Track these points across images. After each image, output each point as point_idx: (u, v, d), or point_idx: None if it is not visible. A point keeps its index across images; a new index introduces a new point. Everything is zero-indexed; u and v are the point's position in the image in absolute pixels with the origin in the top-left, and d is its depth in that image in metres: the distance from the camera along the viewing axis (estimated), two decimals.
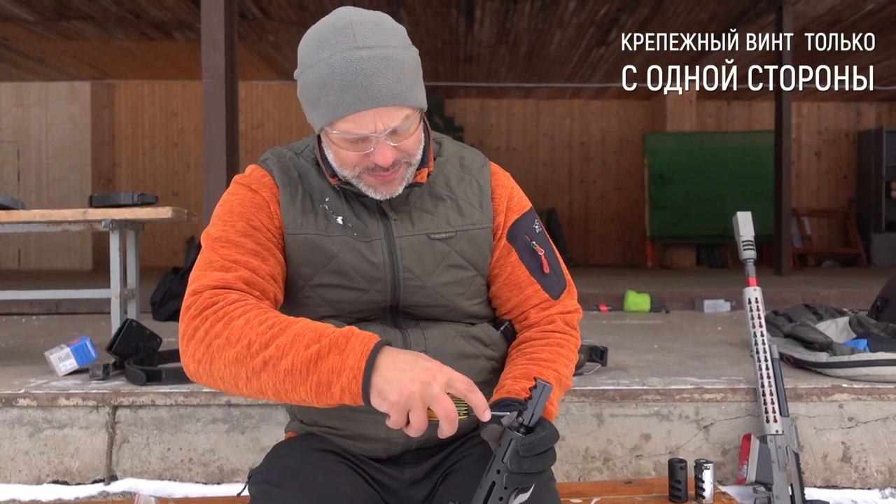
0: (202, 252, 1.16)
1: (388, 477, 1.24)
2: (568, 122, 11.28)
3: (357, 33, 1.06)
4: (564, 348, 1.25)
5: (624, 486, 1.80)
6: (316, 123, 1.12)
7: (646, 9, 7.27)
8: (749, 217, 2.16)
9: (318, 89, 1.07)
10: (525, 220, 1.30)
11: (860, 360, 2.17)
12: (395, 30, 1.11)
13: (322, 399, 0.97)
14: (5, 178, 10.17)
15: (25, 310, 4.57)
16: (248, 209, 1.18)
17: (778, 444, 1.96)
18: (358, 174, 1.14)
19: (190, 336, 1.04)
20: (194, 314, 1.05)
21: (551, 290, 1.28)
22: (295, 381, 0.97)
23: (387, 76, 1.05)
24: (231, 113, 3.86)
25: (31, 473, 2.08)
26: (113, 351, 2.34)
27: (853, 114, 11.27)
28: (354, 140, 1.09)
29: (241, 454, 2.11)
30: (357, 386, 0.94)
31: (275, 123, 10.75)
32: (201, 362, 1.02)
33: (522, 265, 1.27)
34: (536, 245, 1.28)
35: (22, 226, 2.47)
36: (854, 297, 4.89)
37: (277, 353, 0.97)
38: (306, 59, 1.10)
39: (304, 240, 1.18)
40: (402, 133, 1.10)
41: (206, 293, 1.07)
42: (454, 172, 1.29)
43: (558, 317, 1.28)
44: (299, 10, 7.34)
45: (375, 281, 1.19)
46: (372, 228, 1.20)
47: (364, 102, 1.04)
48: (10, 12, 7.30)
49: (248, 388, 1.00)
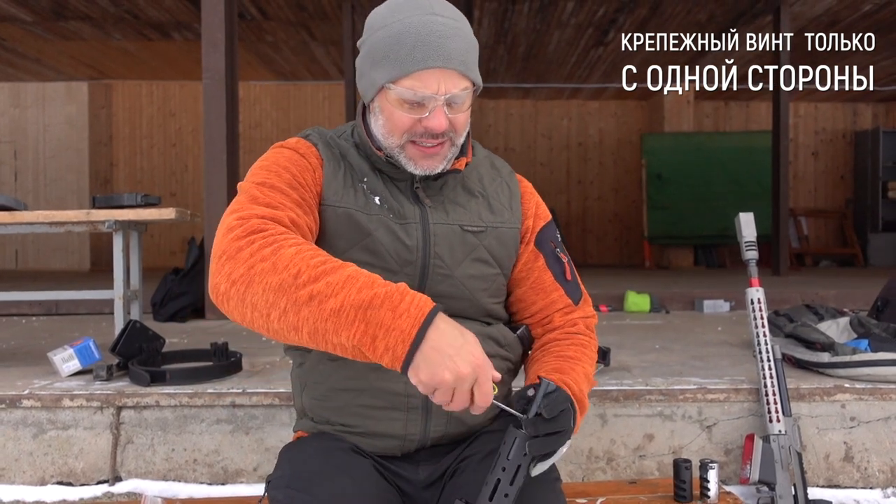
0: (241, 193, 1.12)
1: (405, 475, 1.24)
2: (566, 122, 11.30)
3: (433, 4, 1.13)
4: (588, 348, 1.30)
5: (629, 485, 1.81)
6: (377, 82, 1.14)
7: (644, 9, 7.28)
8: (751, 218, 2.17)
9: (388, 46, 1.11)
10: (550, 228, 1.35)
11: (862, 361, 2.18)
12: (463, 16, 1.18)
13: (362, 349, 0.92)
14: (2, 179, 10.15)
15: (25, 310, 4.55)
16: (295, 166, 1.18)
17: (781, 443, 1.97)
18: (404, 143, 1.16)
19: (230, 256, 0.98)
20: (240, 235, 0.99)
21: (573, 296, 1.34)
22: (338, 324, 0.91)
23: (458, 43, 1.12)
24: (231, 114, 3.86)
25: (36, 474, 2.08)
26: (116, 352, 2.33)
27: (850, 114, 11.31)
28: (413, 101, 1.12)
29: (246, 455, 2.11)
30: (402, 351, 0.91)
31: (273, 123, 10.74)
32: (236, 283, 0.95)
33: (548, 270, 1.32)
34: (560, 252, 1.34)
35: (24, 227, 2.46)
36: (853, 297, 4.91)
37: (327, 289, 0.92)
38: (378, 22, 1.15)
39: (343, 213, 1.19)
40: (458, 105, 1.14)
41: (255, 220, 1.02)
42: (486, 172, 1.33)
43: (580, 320, 1.33)
44: (297, 10, 7.34)
45: (406, 264, 1.20)
46: (408, 211, 1.22)
47: (435, 60, 1.09)
48: (7, 12, 7.29)
49: (282, 321, 0.94)
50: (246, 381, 2.22)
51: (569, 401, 1.07)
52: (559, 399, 1.03)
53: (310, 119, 10.76)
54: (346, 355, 0.95)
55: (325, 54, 9.05)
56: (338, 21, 7.52)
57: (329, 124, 11.00)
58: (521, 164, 11.13)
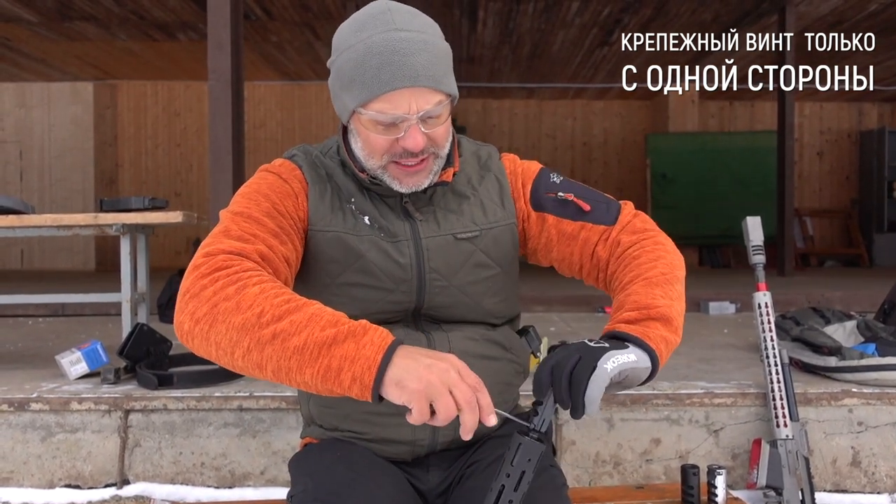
0: (219, 223, 1.13)
1: (418, 480, 1.24)
2: (570, 122, 11.28)
3: (395, 18, 1.10)
4: (644, 255, 1.21)
5: (636, 491, 1.81)
6: (348, 106, 1.12)
7: (649, 9, 7.27)
8: (758, 222, 2.16)
9: (354, 69, 1.09)
10: (540, 181, 1.29)
11: (870, 365, 2.18)
12: (430, 22, 1.15)
13: (327, 385, 0.92)
14: (8, 179, 10.17)
15: (31, 311, 4.57)
16: (276, 193, 1.17)
17: (788, 448, 1.97)
18: (385, 164, 1.14)
19: (194, 294, 0.98)
20: (204, 273, 1.00)
21: (605, 220, 1.26)
22: (302, 362, 0.91)
23: (424, 57, 1.07)
24: (237, 115, 3.86)
25: (44, 477, 2.09)
26: (124, 355, 2.34)
27: (855, 114, 11.27)
28: (386, 123, 1.09)
29: (253, 458, 2.11)
30: (370, 377, 0.90)
31: (277, 124, 10.75)
32: (200, 322, 0.96)
33: (563, 220, 1.26)
34: (563, 194, 1.27)
35: (32, 230, 2.47)
36: (858, 298, 4.89)
37: (290, 328, 0.92)
38: (342, 44, 1.13)
39: (332, 237, 1.18)
40: (434, 119, 1.11)
41: (221, 256, 1.02)
42: (475, 170, 1.29)
43: (622, 236, 1.25)
44: (302, 10, 7.34)
45: (401, 282, 1.19)
46: (398, 229, 1.20)
47: (401, 80, 1.06)
48: (13, 13, 7.30)
49: (246, 359, 0.94)
50: (253, 385, 2.22)
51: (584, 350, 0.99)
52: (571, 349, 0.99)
53: (314, 119, 10.76)
54: (311, 391, 0.94)
55: (329, 54, 9.03)
56: (342, 21, 7.47)
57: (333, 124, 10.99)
58: None
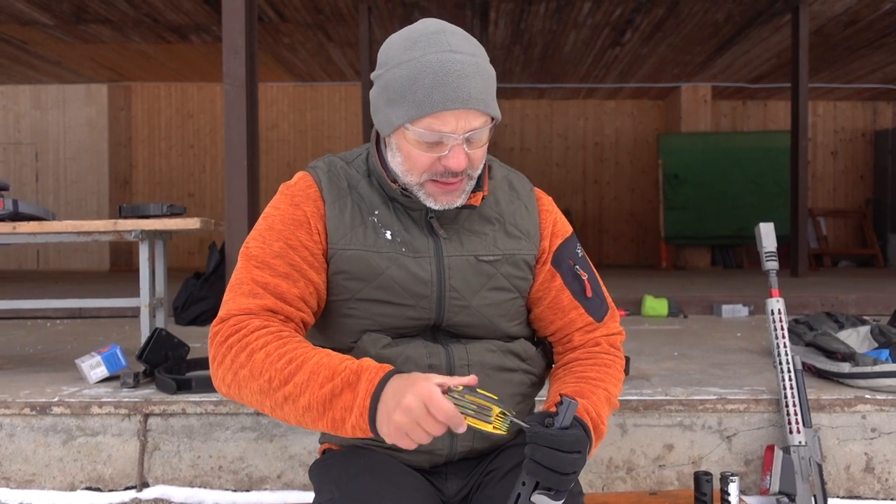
0: (238, 267, 1.21)
1: (438, 487, 1.25)
2: (582, 122, 11.28)
3: (450, 40, 1.12)
4: (612, 368, 1.28)
5: (649, 497, 1.82)
6: (394, 121, 1.13)
7: (661, 9, 7.25)
8: (771, 228, 2.17)
9: (405, 86, 1.10)
10: (568, 245, 1.32)
11: (883, 371, 2.18)
12: (480, 45, 1.17)
13: (339, 432, 1.04)
14: (24, 180, 10.29)
15: (49, 314, 4.64)
16: (288, 227, 1.20)
17: (801, 454, 1.98)
18: (423, 181, 1.16)
19: (219, 362, 1.12)
20: (220, 341, 1.13)
21: (595, 314, 1.31)
22: (313, 417, 1.04)
23: (476, 81, 1.10)
24: (251, 119, 3.90)
25: (65, 480, 2.13)
26: (143, 359, 2.38)
27: (870, 113, 11.19)
28: (432, 141, 1.12)
29: (270, 462, 2.14)
30: (365, 423, 1.01)
31: (290, 125, 10.81)
32: (231, 387, 1.11)
33: (566, 289, 1.29)
34: (580, 269, 1.31)
35: (52, 236, 2.52)
36: (874, 301, 4.85)
37: (296, 390, 1.04)
38: (393, 59, 1.13)
39: (352, 255, 1.20)
40: (476, 141, 1.14)
41: (231, 320, 1.14)
42: (504, 195, 1.30)
43: (603, 339, 1.31)
44: (314, 12, 7.38)
45: (421, 298, 1.20)
46: (420, 244, 1.22)
47: (454, 102, 1.08)
48: (29, 16, 7.39)
49: (275, 415, 1.09)
50: None
51: (575, 442, 1.02)
52: (559, 438, 1.01)
53: (326, 120, 10.81)
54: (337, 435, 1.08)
55: (341, 56, 9.09)
56: (354, 23, 7.56)
57: (346, 125, 11.05)
58: (537, 164, 11.13)
